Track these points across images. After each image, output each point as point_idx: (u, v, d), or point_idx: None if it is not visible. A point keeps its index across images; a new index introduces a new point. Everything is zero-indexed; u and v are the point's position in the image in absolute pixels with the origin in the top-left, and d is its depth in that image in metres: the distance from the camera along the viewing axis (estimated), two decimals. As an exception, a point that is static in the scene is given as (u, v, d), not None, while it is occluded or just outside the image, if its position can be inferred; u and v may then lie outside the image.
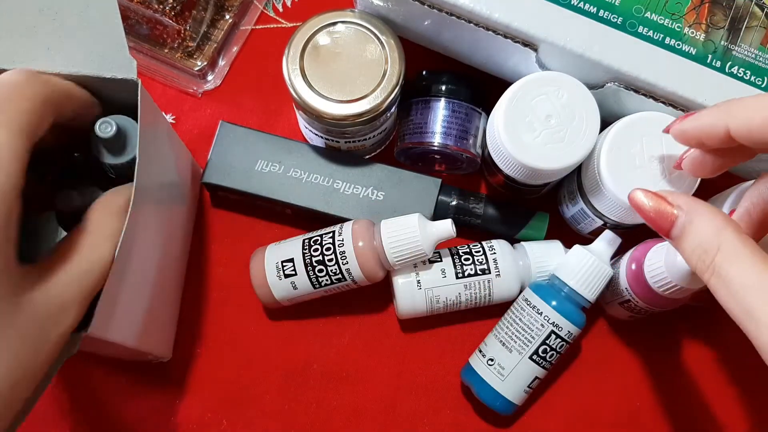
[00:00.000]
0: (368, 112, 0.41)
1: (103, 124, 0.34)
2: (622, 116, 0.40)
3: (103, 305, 0.31)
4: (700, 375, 0.47)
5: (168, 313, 0.45)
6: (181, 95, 0.51)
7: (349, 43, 0.42)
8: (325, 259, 0.42)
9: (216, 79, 0.51)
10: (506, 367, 0.42)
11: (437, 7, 0.40)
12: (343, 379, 0.46)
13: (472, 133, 0.45)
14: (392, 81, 0.42)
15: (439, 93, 0.45)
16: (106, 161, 0.35)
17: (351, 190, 0.46)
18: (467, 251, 0.44)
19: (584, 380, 0.47)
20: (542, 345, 0.42)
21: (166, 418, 0.45)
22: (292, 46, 0.42)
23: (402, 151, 0.47)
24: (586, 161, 0.41)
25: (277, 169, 0.46)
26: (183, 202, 0.46)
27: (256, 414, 0.46)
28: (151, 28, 0.49)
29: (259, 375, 0.46)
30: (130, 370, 0.46)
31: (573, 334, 0.42)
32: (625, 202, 0.39)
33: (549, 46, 0.39)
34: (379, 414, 0.46)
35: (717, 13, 0.39)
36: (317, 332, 0.47)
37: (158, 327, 0.44)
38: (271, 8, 0.53)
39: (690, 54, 0.38)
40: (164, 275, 0.43)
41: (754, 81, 0.38)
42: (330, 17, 0.42)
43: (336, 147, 0.46)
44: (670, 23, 0.39)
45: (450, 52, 0.46)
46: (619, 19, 0.39)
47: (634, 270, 0.41)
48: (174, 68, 0.50)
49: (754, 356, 0.26)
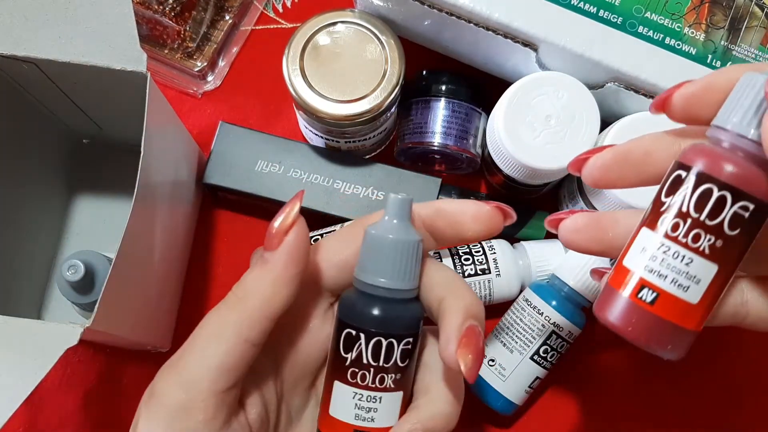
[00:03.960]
0: (368, 112, 0.41)
1: (71, 268, 0.34)
2: (622, 116, 0.40)
3: (105, 300, 0.31)
4: (700, 375, 0.47)
5: (168, 306, 0.46)
6: (180, 96, 0.51)
7: (349, 43, 0.42)
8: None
9: (216, 79, 0.51)
10: (507, 367, 0.42)
11: (437, 7, 0.40)
12: (343, 380, 0.46)
13: (472, 133, 0.45)
14: (392, 81, 0.42)
15: (439, 93, 0.45)
16: (70, 300, 0.34)
17: (351, 190, 0.46)
18: (467, 251, 0.44)
19: (585, 380, 0.47)
20: (543, 345, 0.42)
21: (166, 419, 0.45)
22: (292, 46, 0.42)
23: (402, 151, 0.47)
24: (586, 161, 0.41)
25: (277, 169, 0.46)
26: (189, 198, 0.46)
27: (256, 414, 0.46)
28: (150, 28, 0.49)
29: (259, 375, 0.46)
30: (130, 370, 0.46)
31: (574, 334, 0.42)
32: (625, 203, 0.39)
33: (549, 46, 0.39)
34: (380, 414, 0.46)
35: (717, 13, 0.39)
36: (317, 332, 0.47)
37: (158, 320, 0.44)
38: (270, 9, 0.53)
39: (690, 54, 0.38)
40: (166, 270, 0.44)
41: (754, 81, 0.38)
42: (330, 17, 0.42)
43: (336, 147, 0.46)
44: (670, 23, 0.39)
45: (450, 52, 0.46)
46: (619, 19, 0.39)
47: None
48: (174, 69, 0.50)
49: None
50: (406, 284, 0.29)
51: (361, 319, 0.28)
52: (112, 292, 0.32)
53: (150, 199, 0.36)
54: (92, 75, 0.34)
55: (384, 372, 0.28)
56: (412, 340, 0.29)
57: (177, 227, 0.44)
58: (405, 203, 0.29)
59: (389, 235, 0.28)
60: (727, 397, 0.47)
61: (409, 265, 0.29)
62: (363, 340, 0.28)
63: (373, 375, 0.28)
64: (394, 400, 0.29)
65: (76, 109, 0.43)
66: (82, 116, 0.44)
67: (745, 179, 0.24)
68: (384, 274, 0.29)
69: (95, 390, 0.46)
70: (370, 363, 0.28)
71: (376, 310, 0.28)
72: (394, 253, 0.28)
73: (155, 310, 0.43)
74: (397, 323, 0.29)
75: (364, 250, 0.29)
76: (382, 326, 0.28)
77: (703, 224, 0.24)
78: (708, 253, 0.24)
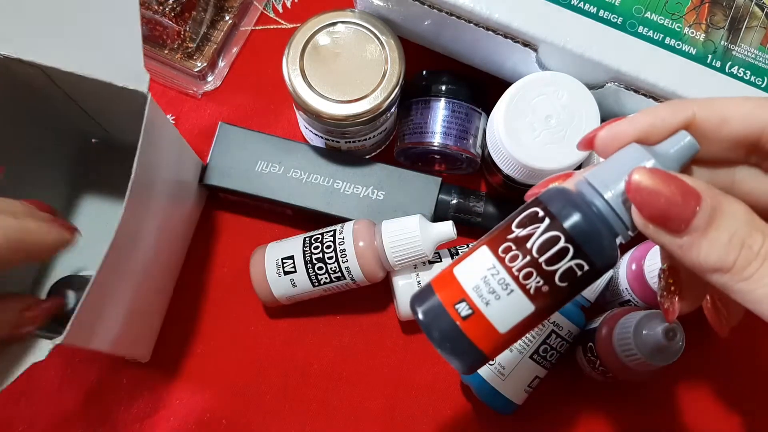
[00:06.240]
0: (368, 112, 0.41)
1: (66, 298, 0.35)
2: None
3: (81, 315, 0.31)
4: (700, 376, 0.47)
5: (151, 318, 0.45)
6: (180, 96, 0.51)
7: (349, 43, 0.42)
8: (325, 257, 0.42)
9: (216, 79, 0.51)
10: (507, 366, 0.42)
11: (437, 7, 0.40)
12: (343, 379, 0.46)
13: (472, 133, 0.45)
14: (392, 81, 0.42)
15: (439, 93, 0.45)
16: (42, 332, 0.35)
17: (351, 190, 0.46)
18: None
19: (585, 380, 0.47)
20: (543, 344, 0.42)
21: (166, 418, 0.45)
22: (292, 46, 0.42)
23: (402, 151, 0.47)
24: (585, 161, 0.41)
25: (277, 169, 0.46)
26: (182, 210, 0.46)
27: (256, 414, 0.46)
28: (150, 29, 0.49)
29: (258, 375, 0.46)
30: (130, 370, 0.46)
31: (573, 334, 0.42)
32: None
33: (549, 46, 0.39)
34: (379, 414, 0.46)
35: (717, 13, 0.39)
36: (317, 332, 0.47)
37: (139, 333, 0.44)
38: (270, 9, 0.53)
39: (690, 54, 0.38)
40: (153, 282, 0.43)
41: (754, 81, 0.38)
42: (330, 17, 0.42)
43: (336, 147, 0.46)
44: (670, 23, 0.39)
45: (450, 52, 0.46)
46: (619, 19, 0.39)
47: (634, 270, 0.42)
48: (174, 69, 0.50)
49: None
50: (627, 230, 0.25)
51: (561, 211, 0.25)
52: (90, 307, 0.32)
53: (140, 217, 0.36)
54: (95, 85, 0.34)
55: (537, 270, 0.25)
56: (587, 269, 0.25)
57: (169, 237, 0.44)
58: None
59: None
60: (728, 398, 0.47)
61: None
62: (544, 226, 0.25)
63: (524, 264, 0.25)
64: (521, 307, 0.25)
65: (82, 111, 0.43)
66: (88, 119, 0.44)
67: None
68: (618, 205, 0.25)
69: (95, 390, 0.46)
70: (532, 251, 0.25)
71: (582, 218, 0.25)
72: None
73: (136, 321, 0.42)
74: (593, 245, 0.25)
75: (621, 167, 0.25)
76: (576, 232, 0.25)
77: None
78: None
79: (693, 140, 0.25)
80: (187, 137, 0.50)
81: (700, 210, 0.23)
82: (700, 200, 0.23)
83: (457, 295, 0.26)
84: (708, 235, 0.23)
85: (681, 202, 0.23)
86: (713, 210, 0.23)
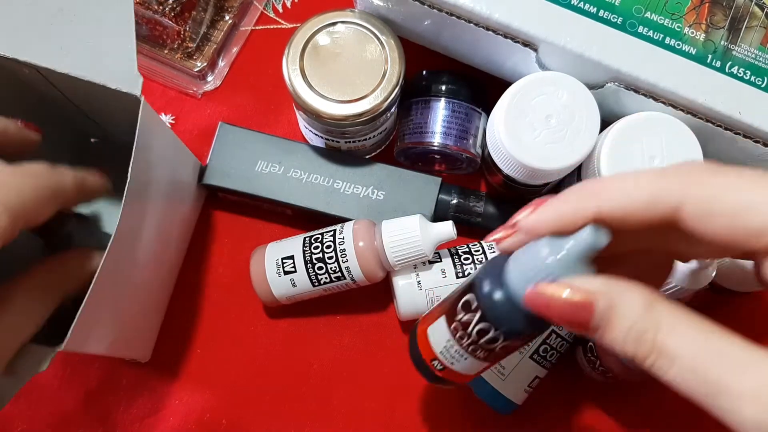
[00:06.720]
0: (368, 112, 0.41)
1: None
2: (622, 116, 0.40)
3: (81, 322, 0.31)
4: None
5: (151, 319, 0.45)
6: (180, 96, 0.51)
7: (349, 43, 0.42)
8: (325, 257, 0.42)
9: (216, 79, 0.51)
10: (506, 366, 0.42)
11: (437, 7, 0.40)
12: (343, 379, 0.46)
13: (472, 133, 0.45)
14: (392, 81, 0.42)
15: (439, 93, 0.45)
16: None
17: (351, 190, 0.46)
18: (467, 251, 0.44)
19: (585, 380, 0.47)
20: (543, 344, 0.42)
21: (166, 418, 0.45)
22: (292, 46, 0.42)
23: (402, 151, 0.47)
24: (586, 161, 0.41)
25: (277, 169, 0.46)
26: (181, 211, 0.46)
27: (256, 414, 0.46)
28: (150, 28, 0.49)
29: (258, 375, 0.46)
30: (130, 370, 0.46)
31: (573, 333, 0.42)
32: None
33: (549, 46, 0.39)
34: (379, 414, 0.46)
35: (717, 13, 0.39)
36: (317, 332, 0.47)
37: (138, 333, 0.44)
38: (270, 9, 0.53)
39: (690, 54, 0.38)
40: (152, 284, 0.43)
41: (754, 81, 0.38)
42: (330, 17, 0.42)
43: (336, 147, 0.46)
44: (670, 23, 0.39)
45: (450, 52, 0.46)
46: (619, 19, 0.39)
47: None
48: (174, 69, 0.50)
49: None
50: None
51: (488, 307, 0.28)
52: (90, 312, 0.32)
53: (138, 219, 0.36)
54: (90, 87, 0.34)
55: (480, 347, 0.30)
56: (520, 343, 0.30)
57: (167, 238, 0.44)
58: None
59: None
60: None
61: None
62: (477, 317, 0.29)
63: (469, 342, 0.30)
64: (478, 365, 0.32)
65: (80, 111, 0.43)
66: (86, 118, 0.44)
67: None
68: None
69: (95, 390, 0.46)
70: (473, 335, 0.30)
71: (506, 314, 0.28)
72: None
73: (136, 323, 0.42)
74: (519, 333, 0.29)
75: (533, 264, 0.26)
76: (502, 327, 0.29)
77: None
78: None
79: (594, 237, 0.25)
80: (187, 137, 0.50)
81: (595, 314, 0.24)
82: (593, 307, 0.24)
83: (431, 355, 0.33)
84: (609, 334, 0.24)
85: (573, 312, 0.24)
86: (608, 309, 0.23)
